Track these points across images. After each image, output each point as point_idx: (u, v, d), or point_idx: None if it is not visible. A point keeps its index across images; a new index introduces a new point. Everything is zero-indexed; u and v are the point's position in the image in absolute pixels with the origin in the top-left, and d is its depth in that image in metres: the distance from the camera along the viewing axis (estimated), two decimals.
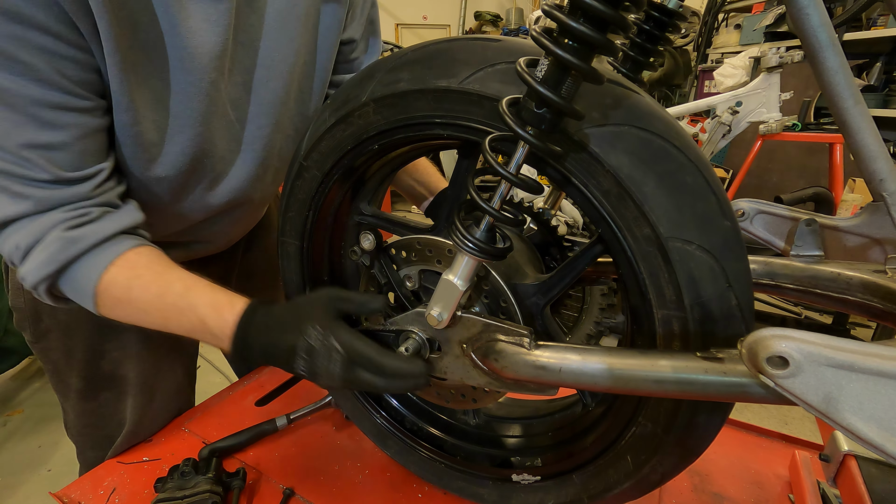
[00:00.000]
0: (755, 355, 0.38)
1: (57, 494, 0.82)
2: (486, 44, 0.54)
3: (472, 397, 0.69)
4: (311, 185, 0.68)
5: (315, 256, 0.76)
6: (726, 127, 2.53)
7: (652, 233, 0.48)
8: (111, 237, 0.64)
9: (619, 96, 0.49)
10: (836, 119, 0.52)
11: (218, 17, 0.66)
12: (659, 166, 0.47)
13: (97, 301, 0.65)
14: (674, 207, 0.47)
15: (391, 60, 0.59)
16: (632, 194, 0.48)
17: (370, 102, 0.59)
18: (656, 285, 0.50)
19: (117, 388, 0.92)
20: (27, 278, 0.63)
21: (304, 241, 0.73)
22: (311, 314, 0.60)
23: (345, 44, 0.90)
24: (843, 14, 2.81)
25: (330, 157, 0.65)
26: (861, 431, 0.36)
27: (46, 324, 0.87)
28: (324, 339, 0.58)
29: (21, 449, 2.14)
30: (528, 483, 0.72)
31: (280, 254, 0.77)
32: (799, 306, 2.97)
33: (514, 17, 5.92)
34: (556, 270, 0.62)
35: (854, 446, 0.74)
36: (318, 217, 0.71)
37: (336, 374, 0.57)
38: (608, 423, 0.65)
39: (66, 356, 0.89)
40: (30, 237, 0.61)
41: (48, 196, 0.61)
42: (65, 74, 0.57)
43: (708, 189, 0.48)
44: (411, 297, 0.70)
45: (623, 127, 0.48)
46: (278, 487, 0.82)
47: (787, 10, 0.50)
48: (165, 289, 0.64)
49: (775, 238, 0.66)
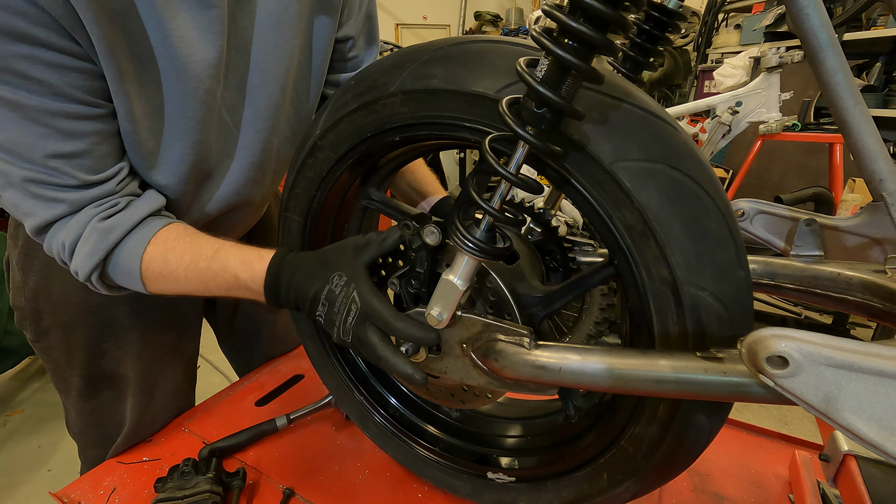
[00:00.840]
0: (755, 355, 0.38)
1: (57, 494, 0.82)
2: (526, 53, 0.53)
3: (461, 398, 0.69)
4: (323, 166, 0.67)
5: (317, 235, 0.75)
6: (726, 127, 2.53)
7: (669, 275, 0.48)
8: (142, 220, 0.69)
9: (657, 131, 0.48)
10: (836, 119, 0.52)
11: (209, 25, 0.66)
12: (687, 210, 0.47)
13: (144, 279, 0.69)
14: (694, 253, 0.47)
15: (425, 52, 0.57)
16: (656, 234, 0.47)
17: (398, 93, 0.57)
18: (663, 323, 0.50)
19: (117, 387, 0.93)
20: (79, 272, 0.68)
21: (307, 218, 0.72)
22: (339, 262, 0.62)
23: (342, 41, 0.89)
24: (843, 14, 2.81)
25: (347, 140, 0.64)
26: (861, 431, 0.36)
27: (47, 323, 0.87)
28: (346, 289, 0.60)
29: (21, 449, 2.14)
30: (502, 482, 0.73)
31: (281, 229, 0.76)
32: (799, 306, 2.97)
33: (514, 17, 5.92)
34: (562, 286, 0.62)
35: (854, 446, 0.74)
36: (326, 197, 0.70)
37: (349, 326, 0.59)
38: (590, 438, 0.66)
39: (66, 355, 0.89)
40: (72, 234, 0.66)
41: (79, 198, 0.65)
42: (75, 86, 0.60)
43: (730, 238, 0.48)
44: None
45: (658, 165, 0.47)
46: (278, 487, 0.82)
47: (787, 10, 0.50)
48: (197, 254, 0.68)
49: (775, 238, 0.66)
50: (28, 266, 0.85)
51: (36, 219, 0.65)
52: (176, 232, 0.70)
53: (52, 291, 0.85)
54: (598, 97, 0.48)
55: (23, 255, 0.85)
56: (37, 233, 0.67)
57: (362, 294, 0.59)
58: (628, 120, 0.48)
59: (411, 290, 0.67)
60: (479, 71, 0.53)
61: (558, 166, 0.51)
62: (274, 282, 0.64)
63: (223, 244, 0.69)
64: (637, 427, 0.58)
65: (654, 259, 0.48)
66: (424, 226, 0.61)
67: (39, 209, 0.64)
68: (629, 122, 0.48)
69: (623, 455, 0.60)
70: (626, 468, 0.60)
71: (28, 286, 0.85)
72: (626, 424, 0.59)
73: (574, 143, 0.49)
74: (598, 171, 0.48)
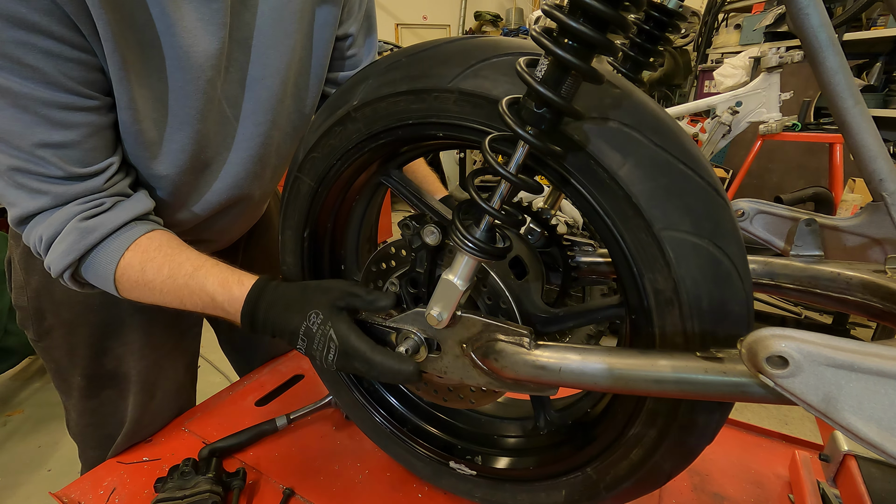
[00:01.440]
0: (755, 355, 0.38)
1: (57, 494, 0.82)
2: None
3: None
4: (352, 138, 0.63)
5: (326, 202, 0.72)
6: (726, 127, 2.53)
7: (684, 341, 0.49)
8: (125, 224, 0.68)
9: (707, 205, 0.48)
10: (836, 119, 0.52)
11: (211, 16, 0.66)
12: (721, 288, 0.47)
13: (117, 285, 0.69)
14: (712, 329, 0.48)
15: (497, 51, 0.53)
16: (682, 306, 0.48)
17: (455, 91, 0.54)
18: None
19: (119, 386, 0.93)
20: (52, 267, 0.67)
21: (320, 185, 0.69)
22: (317, 301, 0.63)
23: (341, 39, 0.90)
24: (843, 14, 2.81)
25: (384, 120, 0.60)
26: (861, 431, 0.36)
27: (50, 322, 0.87)
28: (323, 328, 0.62)
29: (21, 449, 2.14)
30: (462, 473, 0.75)
31: (290, 188, 0.72)
32: (799, 306, 2.97)
33: (514, 17, 5.92)
34: (567, 312, 0.63)
35: (854, 446, 0.74)
36: (345, 169, 0.67)
37: (330, 361, 0.62)
38: (558, 455, 0.68)
39: (69, 354, 0.89)
40: (50, 229, 0.65)
41: (64, 191, 0.64)
42: (70, 76, 0.59)
43: (746, 322, 0.48)
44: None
45: (704, 241, 0.47)
46: (278, 487, 0.82)
47: (787, 10, 0.50)
48: (176, 269, 0.67)
49: (775, 238, 0.66)
50: (31, 265, 0.85)
51: (18, 209, 0.64)
52: (158, 241, 0.69)
53: (54, 290, 0.85)
54: (665, 156, 0.47)
55: (25, 255, 0.85)
56: (17, 223, 0.66)
57: (340, 334, 0.61)
58: (686, 189, 0.47)
59: (411, 290, 0.67)
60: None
61: (610, 223, 0.50)
62: (252, 310, 0.65)
63: (204, 262, 0.68)
64: (608, 460, 0.60)
65: (673, 325, 0.49)
66: (424, 226, 0.61)
67: (23, 199, 0.63)
68: (687, 191, 0.47)
69: (586, 481, 0.64)
70: (585, 492, 0.64)
71: (31, 286, 0.85)
72: (598, 454, 0.62)
73: (629, 205, 0.48)
74: (645, 233, 0.48)
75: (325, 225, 0.76)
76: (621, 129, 0.48)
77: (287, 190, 0.74)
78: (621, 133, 0.48)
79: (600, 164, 0.48)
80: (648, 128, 0.47)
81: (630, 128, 0.47)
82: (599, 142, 0.48)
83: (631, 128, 0.47)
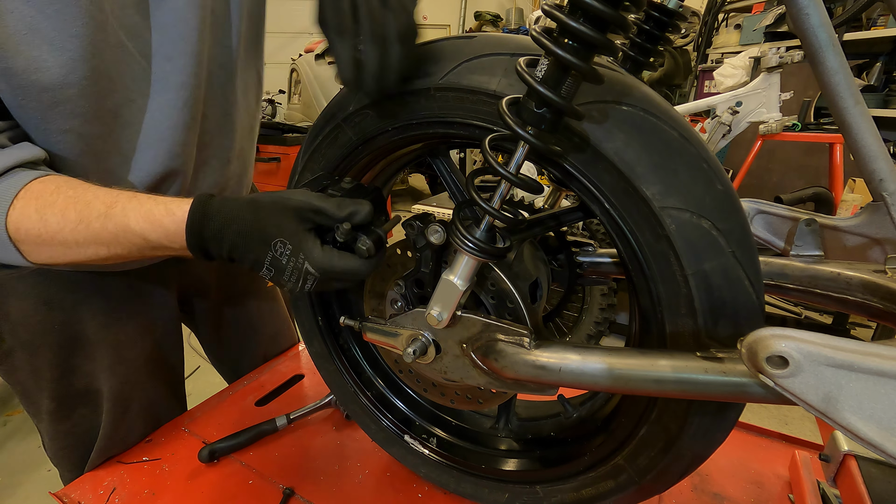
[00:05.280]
0: (755, 355, 0.38)
1: (57, 494, 0.82)
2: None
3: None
4: (420, 115, 0.58)
5: (361, 158, 0.67)
6: (726, 127, 2.53)
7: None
8: (5, 172, 0.57)
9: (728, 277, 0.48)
10: (836, 119, 0.52)
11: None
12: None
13: (17, 245, 0.58)
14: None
15: None
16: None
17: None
18: None
19: (92, 404, 0.87)
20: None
21: (364, 142, 0.64)
22: (280, 228, 0.54)
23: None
24: (843, 14, 2.80)
25: (461, 111, 0.55)
26: (861, 431, 0.36)
27: (9, 343, 0.79)
28: (295, 260, 0.54)
29: (21, 449, 2.14)
30: (414, 448, 0.79)
31: (326, 136, 0.67)
32: (799, 306, 2.97)
33: (514, 17, 5.92)
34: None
35: (854, 446, 0.74)
36: (401, 138, 0.62)
37: (307, 289, 0.56)
38: (514, 462, 0.71)
39: (33, 377, 0.82)
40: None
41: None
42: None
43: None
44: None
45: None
46: (278, 487, 0.82)
47: (787, 10, 0.50)
48: (85, 211, 0.56)
49: (775, 238, 0.66)
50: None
51: None
52: (55, 183, 0.58)
53: (9, 311, 0.77)
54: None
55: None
56: None
57: (316, 263, 0.55)
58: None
59: (416, 290, 0.67)
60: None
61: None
62: (200, 242, 0.56)
63: (117, 197, 0.58)
64: (559, 487, 0.64)
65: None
66: (428, 225, 0.60)
67: None
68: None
69: (532, 496, 0.66)
70: (527, 502, 0.67)
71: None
72: (553, 480, 0.65)
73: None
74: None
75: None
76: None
77: (324, 138, 0.67)
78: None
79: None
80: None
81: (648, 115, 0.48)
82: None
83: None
